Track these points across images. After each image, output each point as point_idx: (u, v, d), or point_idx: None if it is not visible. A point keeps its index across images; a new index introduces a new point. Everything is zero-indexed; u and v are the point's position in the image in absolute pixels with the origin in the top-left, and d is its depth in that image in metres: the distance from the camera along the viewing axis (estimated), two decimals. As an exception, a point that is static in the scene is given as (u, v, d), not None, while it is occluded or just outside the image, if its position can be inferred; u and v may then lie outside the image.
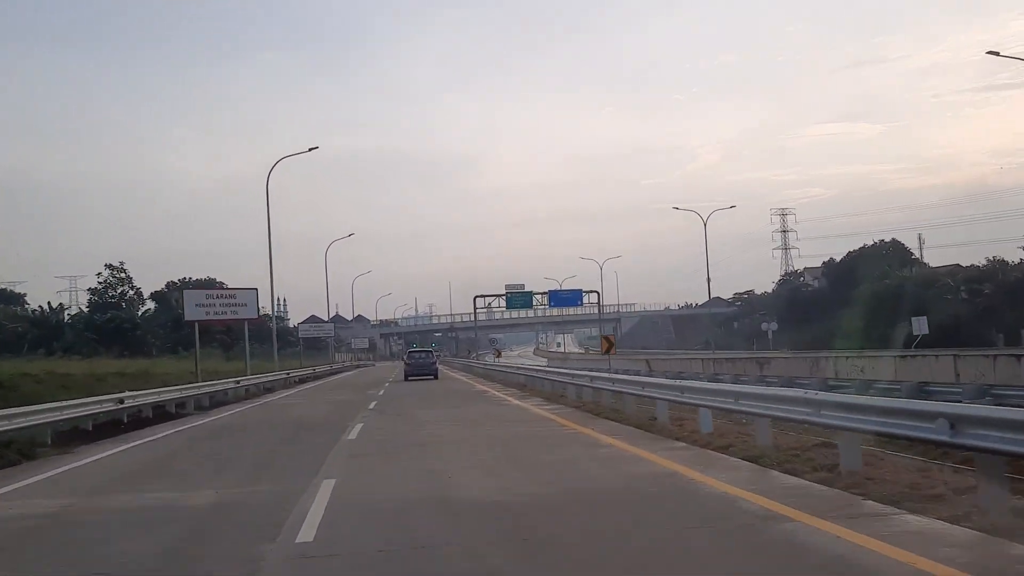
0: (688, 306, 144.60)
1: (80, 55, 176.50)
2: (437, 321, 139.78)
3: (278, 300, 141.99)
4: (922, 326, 41.01)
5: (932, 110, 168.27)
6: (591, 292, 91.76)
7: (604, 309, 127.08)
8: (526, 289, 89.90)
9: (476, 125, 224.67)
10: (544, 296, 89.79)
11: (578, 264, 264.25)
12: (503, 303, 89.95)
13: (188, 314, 33.44)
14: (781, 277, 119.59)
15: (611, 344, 38.18)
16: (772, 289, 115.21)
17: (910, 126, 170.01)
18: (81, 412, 17.51)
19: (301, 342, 66.36)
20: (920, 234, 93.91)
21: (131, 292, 76.84)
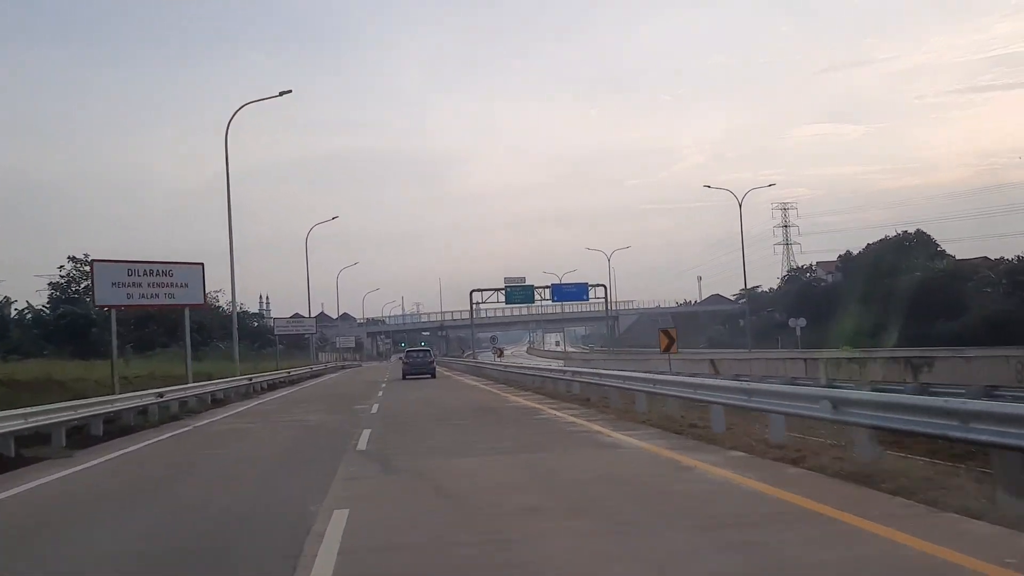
0: (686, 303, 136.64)
1: (61, 52, 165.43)
2: (427, 319, 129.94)
3: (261, 298, 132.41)
4: None
5: (917, 111, 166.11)
6: (597, 286, 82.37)
7: (599, 307, 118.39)
8: (526, 283, 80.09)
9: (463, 125, 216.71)
10: (546, 290, 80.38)
11: (570, 261, 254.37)
12: (502, 298, 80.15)
13: (100, 297, 22.86)
14: (787, 272, 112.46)
15: (672, 340, 28.52)
16: (778, 285, 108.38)
17: (895, 127, 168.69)
18: None
19: (278, 340, 56.32)
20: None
21: (96, 286, 66.38)
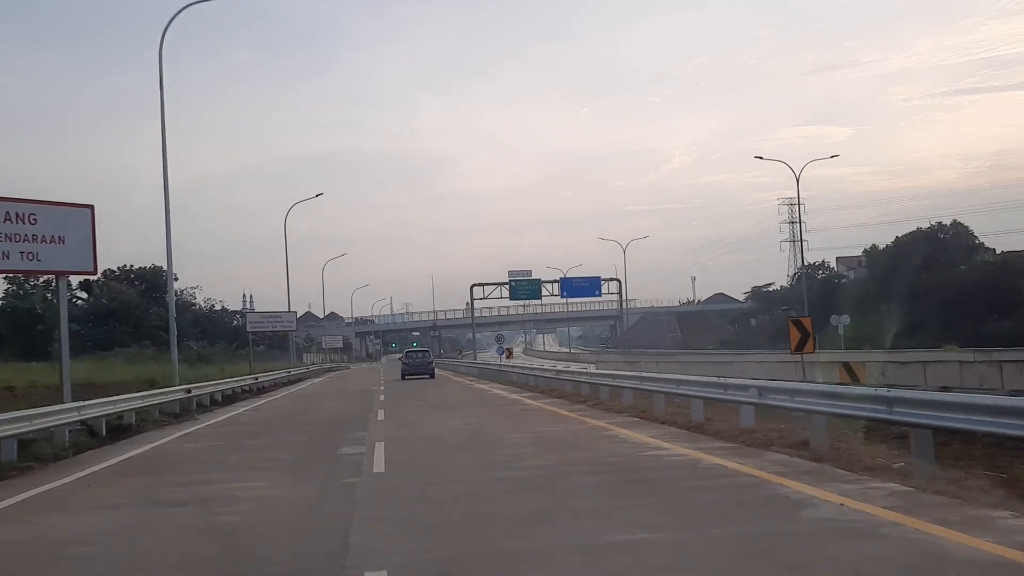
0: (689, 303, 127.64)
1: (45, 51, 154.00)
2: (419, 319, 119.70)
3: (244, 297, 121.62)
4: None
5: (902, 114, 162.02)
6: (611, 280, 72.33)
7: (603, 305, 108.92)
8: (532, 276, 69.84)
9: (452, 126, 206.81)
10: (554, 285, 70.40)
11: (571, 261, 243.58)
12: (504, 293, 69.96)
13: None
14: (799, 270, 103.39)
15: (807, 335, 18.62)
16: (790, 283, 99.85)
17: (880, 130, 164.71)
18: None
19: (252, 339, 45.85)
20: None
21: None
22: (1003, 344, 33.88)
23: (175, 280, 76.01)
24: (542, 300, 74.17)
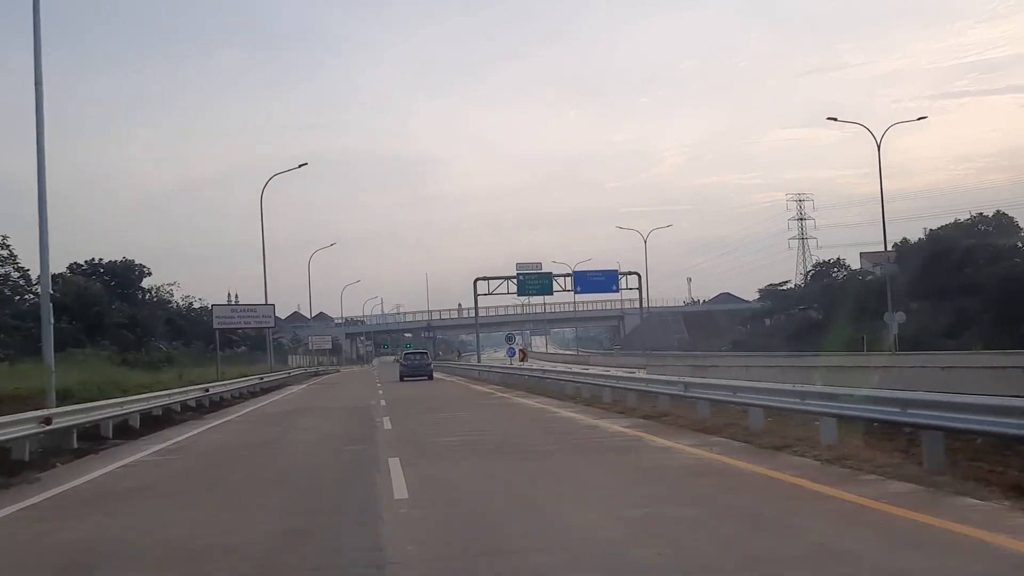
0: (695, 302, 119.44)
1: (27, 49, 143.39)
2: (412, 319, 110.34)
3: (229, 295, 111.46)
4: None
5: (892, 116, 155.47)
6: (630, 274, 63.31)
7: (605, 305, 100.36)
8: (543, 269, 60.78)
9: (443, 127, 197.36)
10: (567, 279, 61.49)
11: (569, 260, 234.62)
12: (512, 288, 60.97)
13: None
14: (812, 267, 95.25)
15: None
16: (803, 281, 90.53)
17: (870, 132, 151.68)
18: None
19: (219, 337, 36.35)
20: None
21: (16, 275, 47.59)
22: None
23: (147, 275, 65.33)
24: (550, 297, 65.35)
